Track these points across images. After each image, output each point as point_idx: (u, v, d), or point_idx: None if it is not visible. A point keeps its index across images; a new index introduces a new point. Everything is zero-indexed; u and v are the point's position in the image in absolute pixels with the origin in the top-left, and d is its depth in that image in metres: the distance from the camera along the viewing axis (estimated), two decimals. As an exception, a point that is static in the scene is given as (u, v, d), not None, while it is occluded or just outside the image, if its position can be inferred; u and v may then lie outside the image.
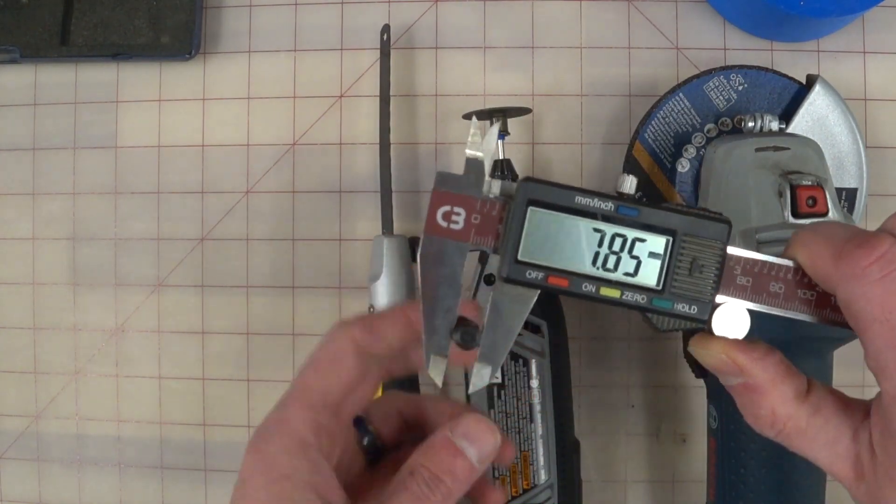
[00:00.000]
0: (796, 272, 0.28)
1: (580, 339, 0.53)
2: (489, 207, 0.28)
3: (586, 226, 0.27)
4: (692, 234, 0.27)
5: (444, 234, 0.28)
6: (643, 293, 0.28)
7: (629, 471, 0.53)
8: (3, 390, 0.56)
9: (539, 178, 0.28)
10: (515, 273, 0.28)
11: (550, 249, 0.27)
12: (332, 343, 0.33)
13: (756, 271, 0.28)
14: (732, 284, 0.28)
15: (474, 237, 0.28)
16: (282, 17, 0.55)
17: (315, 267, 0.54)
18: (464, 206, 0.28)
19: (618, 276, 0.28)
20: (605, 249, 0.27)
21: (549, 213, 0.27)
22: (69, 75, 0.56)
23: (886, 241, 0.25)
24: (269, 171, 0.55)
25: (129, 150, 0.55)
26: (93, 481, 0.55)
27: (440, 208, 0.28)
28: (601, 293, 0.28)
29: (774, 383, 0.28)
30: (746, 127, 0.46)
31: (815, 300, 0.27)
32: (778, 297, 0.28)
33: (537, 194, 0.27)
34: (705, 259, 0.27)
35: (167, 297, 0.55)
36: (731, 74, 0.48)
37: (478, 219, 0.28)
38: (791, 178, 0.40)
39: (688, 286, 0.27)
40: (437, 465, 0.31)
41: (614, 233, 0.27)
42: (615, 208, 0.27)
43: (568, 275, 0.28)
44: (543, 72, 0.54)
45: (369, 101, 0.54)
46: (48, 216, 0.56)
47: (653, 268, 0.27)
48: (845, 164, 0.48)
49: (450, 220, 0.28)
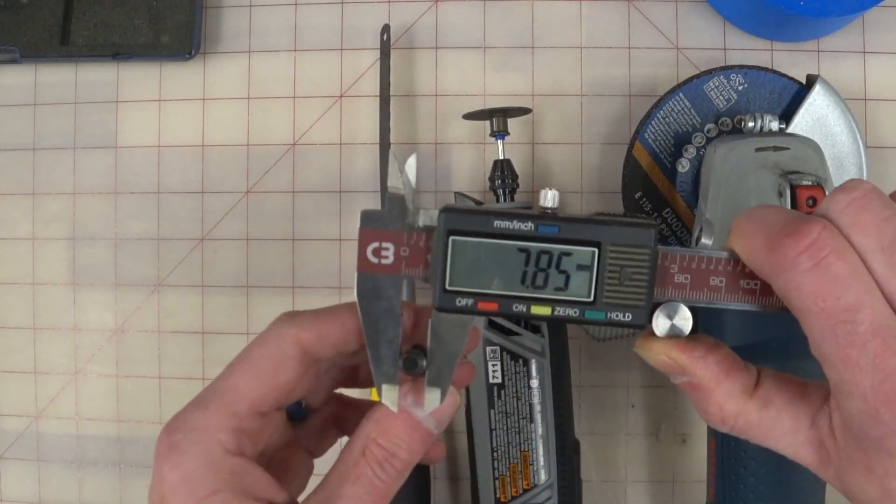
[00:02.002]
0: (735, 263, 0.27)
1: (580, 339, 0.53)
2: (416, 238, 0.28)
3: (511, 246, 0.27)
4: (617, 243, 0.27)
5: (376, 269, 0.28)
6: (575, 307, 0.27)
7: (629, 471, 0.53)
8: (3, 390, 0.56)
9: (457, 206, 0.28)
10: (446, 302, 0.28)
11: (479, 274, 0.27)
12: (274, 344, 0.30)
13: (693, 267, 0.27)
14: (671, 283, 0.27)
15: (405, 269, 0.28)
16: (282, 17, 0.55)
17: (315, 267, 0.54)
18: (391, 240, 0.28)
19: (548, 292, 0.27)
20: (532, 268, 0.27)
21: (470, 241, 0.27)
22: (69, 75, 0.56)
23: (816, 228, 0.24)
24: (269, 171, 0.55)
25: (129, 150, 0.55)
26: (93, 481, 0.55)
27: (369, 245, 0.28)
28: (532, 311, 0.27)
29: (718, 380, 0.27)
30: (746, 127, 0.46)
31: (759, 289, 0.27)
32: (720, 290, 0.27)
33: (456, 224, 0.27)
34: (634, 266, 0.27)
35: (167, 297, 0.55)
36: (731, 74, 0.48)
37: (406, 251, 0.28)
38: (791, 178, 0.40)
39: (620, 294, 0.27)
40: (391, 439, 0.29)
41: (539, 250, 0.27)
42: (535, 227, 0.27)
43: (497, 298, 0.27)
44: (543, 72, 0.54)
45: (369, 101, 0.54)
46: (48, 216, 0.56)
47: (582, 280, 0.27)
48: (845, 164, 0.48)
49: (380, 255, 0.28)
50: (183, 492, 0.27)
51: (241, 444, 0.29)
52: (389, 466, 0.29)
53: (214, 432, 0.28)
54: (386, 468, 0.29)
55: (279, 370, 0.30)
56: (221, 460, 0.28)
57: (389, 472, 0.29)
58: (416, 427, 0.30)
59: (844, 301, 0.23)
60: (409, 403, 0.30)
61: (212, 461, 0.28)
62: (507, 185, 0.48)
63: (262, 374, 0.30)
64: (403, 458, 0.29)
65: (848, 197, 0.24)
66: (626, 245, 0.27)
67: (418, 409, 0.29)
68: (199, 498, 0.27)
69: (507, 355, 0.46)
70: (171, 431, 0.29)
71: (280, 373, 0.30)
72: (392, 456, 0.29)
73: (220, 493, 0.27)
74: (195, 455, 0.28)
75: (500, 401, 0.46)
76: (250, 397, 0.29)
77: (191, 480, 0.27)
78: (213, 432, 0.28)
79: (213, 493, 0.27)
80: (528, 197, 0.53)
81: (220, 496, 0.27)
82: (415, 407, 0.30)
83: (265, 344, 0.30)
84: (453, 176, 0.54)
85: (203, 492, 0.27)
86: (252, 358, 0.30)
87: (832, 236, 0.24)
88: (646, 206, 0.49)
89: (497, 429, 0.46)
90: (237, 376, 0.30)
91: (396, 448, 0.29)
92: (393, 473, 0.29)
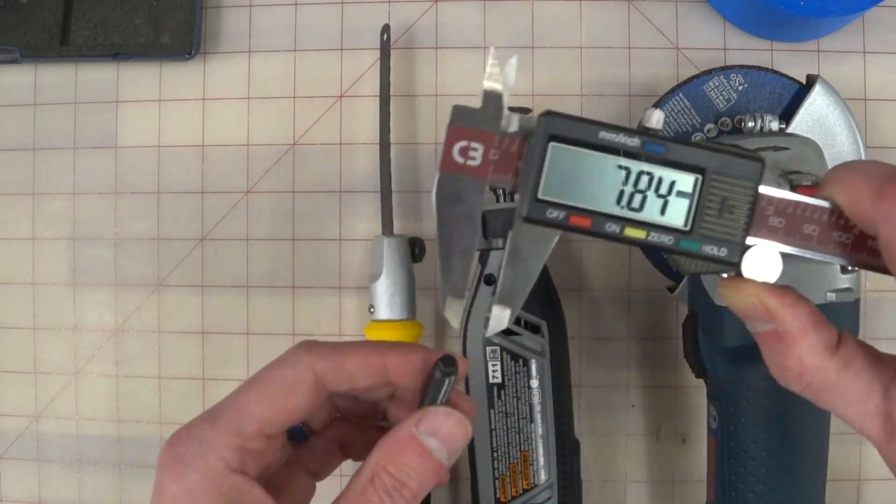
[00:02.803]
0: (832, 213, 0.26)
1: (580, 339, 0.53)
2: (508, 143, 0.26)
3: (611, 163, 0.26)
4: (722, 173, 0.26)
5: (460, 170, 0.27)
6: (670, 234, 0.26)
7: (629, 471, 0.53)
8: (3, 390, 0.56)
9: (561, 112, 0.26)
10: (536, 212, 0.26)
11: (573, 187, 0.26)
12: (290, 369, 0.30)
13: (790, 212, 0.26)
14: (764, 226, 0.26)
15: (492, 174, 0.27)
16: (282, 17, 0.55)
17: (315, 267, 0.54)
18: (481, 141, 0.26)
19: (644, 215, 0.26)
20: (630, 188, 0.26)
21: (571, 149, 0.26)
22: (69, 75, 0.56)
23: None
24: (269, 171, 0.55)
25: (129, 150, 0.55)
26: (93, 481, 0.55)
27: (456, 143, 0.27)
28: (626, 234, 0.26)
29: (805, 331, 0.26)
30: (746, 127, 0.46)
31: (851, 243, 0.26)
32: (812, 239, 0.26)
33: (559, 129, 0.26)
34: (736, 199, 0.26)
35: (167, 297, 0.55)
36: (731, 74, 0.48)
37: (496, 154, 0.26)
38: (791, 178, 0.40)
39: (717, 227, 0.26)
40: (401, 468, 0.29)
41: (640, 170, 0.26)
42: (641, 144, 0.26)
43: (591, 214, 0.26)
44: (543, 72, 0.54)
45: (369, 101, 0.54)
46: (48, 216, 0.56)
47: (680, 207, 0.26)
48: (845, 164, 0.48)
49: (467, 155, 0.27)
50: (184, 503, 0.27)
51: (243, 463, 0.29)
52: (398, 495, 0.28)
53: (219, 448, 0.28)
54: (395, 497, 0.28)
55: (291, 396, 0.29)
56: (223, 476, 0.28)
57: (398, 502, 0.28)
58: (428, 456, 0.29)
59: None
60: (422, 432, 0.29)
61: (213, 476, 0.28)
62: (507, 185, 0.48)
63: (274, 397, 0.29)
64: (413, 488, 0.29)
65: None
66: (730, 175, 0.26)
67: (431, 438, 0.29)
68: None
69: (507, 355, 0.46)
70: (175, 443, 0.29)
71: (291, 399, 0.29)
72: (402, 485, 0.28)
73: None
74: (197, 468, 0.28)
75: (500, 401, 0.46)
76: (258, 418, 0.29)
77: (191, 493, 0.27)
78: (217, 448, 0.28)
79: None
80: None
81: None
82: (427, 436, 0.29)
83: (281, 368, 0.30)
84: (453, 176, 0.54)
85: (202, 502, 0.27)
86: (266, 380, 0.30)
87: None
88: (646, 205, 0.49)
89: (497, 429, 0.46)
90: (248, 396, 0.29)
91: (406, 477, 0.29)
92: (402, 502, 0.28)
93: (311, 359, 0.30)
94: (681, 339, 0.46)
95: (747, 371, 0.41)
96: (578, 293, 0.53)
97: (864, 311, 0.41)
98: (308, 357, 0.30)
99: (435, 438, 0.29)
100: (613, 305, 0.53)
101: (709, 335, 0.43)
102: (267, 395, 0.29)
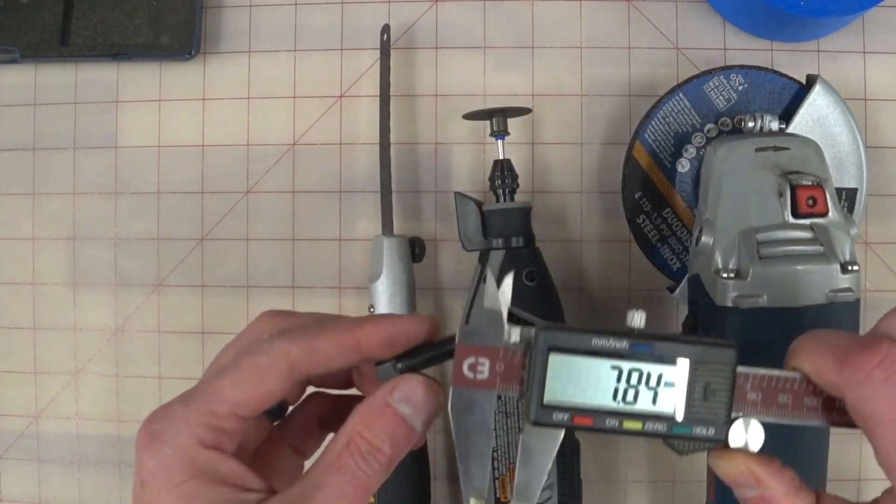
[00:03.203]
0: (801, 382, 0.29)
1: (580, 339, 0.53)
2: (511, 355, 0.29)
3: (605, 364, 0.29)
4: (703, 362, 0.29)
5: (471, 384, 0.29)
6: (663, 422, 0.29)
7: (629, 471, 0.53)
8: (3, 390, 0.56)
9: (554, 324, 0.29)
10: (543, 417, 0.29)
11: (573, 390, 0.29)
12: (263, 356, 0.30)
13: (765, 385, 0.29)
14: (744, 401, 0.29)
15: (500, 384, 0.29)
16: (282, 17, 0.55)
17: (315, 267, 0.54)
18: (488, 356, 0.29)
19: (638, 407, 0.29)
20: (623, 384, 0.29)
21: (568, 358, 0.29)
22: (69, 75, 0.56)
23: (885, 344, 0.27)
24: (269, 171, 0.55)
25: (129, 150, 0.55)
26: (93, 481, 0.55)
27: (465, 360, 0.29)
28: (624, 427, 0.29)
29: (789, 495, 0.29)
30: (746, 127, 0.46)
31: (821, 405, 0.29)
32: (786, 407, 0.29)
33: (557, 341, 0.29)
34: (717, 383, 0.29)
35: (167, 297, 0.55)
36: (731, 74, 0.48)
37: (501, 367, 0.29)
38: (791, 178, 0.40)
39: (703, 410, 0.29)
40: (376, 434, 0.30)
41: (631, 368, 0.29)
42: (630, 346, 0.29)
43: (592, 413, 0.29)
44: (543, 72, 0.54)
45: (369, 101, 0.54)
46: (48, 216, 0.56)
47: (669, 397, 0.29)
48: (845, 164, 0.48)
49: (475, 370, 0.29)
50: (161, 477, 0.29)
51: (218, 440, 0.30)
52: (373, 460, 0.30)
53: (191, 426, 0.29)
54: (369, 461, 0.30)
55: (263, 381, 0.30)
56: (196, 452, 0.29)
57: (373, 466, 0.30)
58: (402, 423, 0.30)
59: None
60: (396, 399, 0.30)
61: (187, 451, 0.29)
62: (507, 185, 0.48)
63: (246, 383, 0.30)
64: (387, 453, 0.30)
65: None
66: (710, 363, 0.29)
67: (405, 405, 0.30)
68: (175, 483, 0.28)
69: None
70: (152, 421, 0.30)
71: (264, 384, 0.30)
72: (376, 450, 0.30)
73: (194, 479, 0.29)
74: (172, 444, 0.29)
75: (500, 401, 0.46)
76: (231, 402, 0.30)
77: (168, 467, 0.29)
78: (190, 426, 0.29)
79: (188, 479, 0.29)
80: (528, 197, 0.53)
81: (195, 482, 0.29)
82: (401, 403, 0.30)
83: (255, 354, 0.31)
84: (453, 176, 0.54)
85: (179, 478, 0.29)
86: (239, 366, 0.31)
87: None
88: (646, 206, 0.49)
89: (497, 429, 0.46)
90: (222, 380, 0.30)
91: (381, 442, 0.30)
92: (376, 467, 0.30)
93: (285, 345, 0.31)
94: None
95: (747, 371, 0.41)
96: (578, 293, 0.53)
97: (864, 311, 0.41)
98: (282, 343, 0.31)
99: (409, 405, 0.30)
100: (613, 305, 0.53)
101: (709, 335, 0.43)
102: (240, 380, 0.30)
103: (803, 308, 0.38)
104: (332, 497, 0.29)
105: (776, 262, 0.39)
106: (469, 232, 0.48)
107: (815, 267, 0.38)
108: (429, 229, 0.54)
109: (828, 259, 0.38)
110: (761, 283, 0.39)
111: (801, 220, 0.40)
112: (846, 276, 0.39)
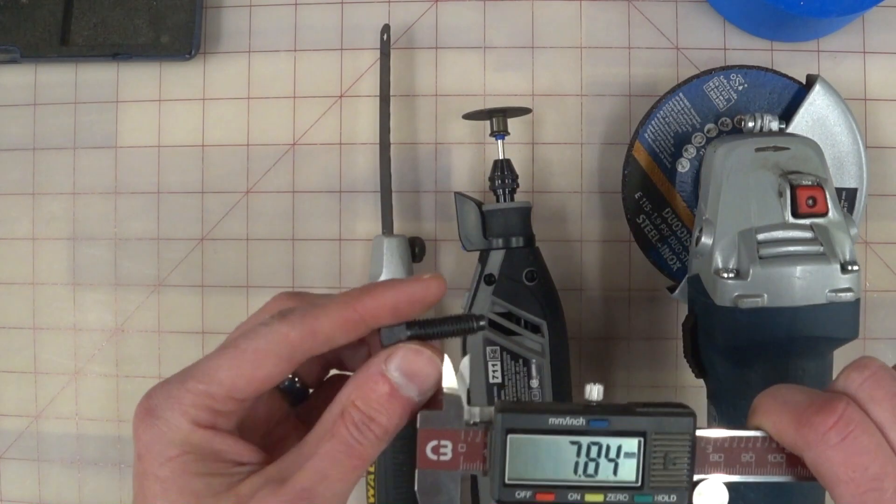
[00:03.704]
0: (763, 440, 0.29)
1: (580, 339, 0.53)
2: (472, 435, 0.30)
3: (564, 440, 0.29)
4: (661, 432, 0.29)
5: (435, 466, 0.30)
6: (624, 492, 0.29)
7: None
8: (3, 390, 0.56)
9: (511, 404, 0.30)
10: (505, 495, 0.29)
11: (534, 467, 0.29)
12: (262, 340, 0.30)
13: (727, 447, 0.29)
14: (706, 462, 0.29)
15: (463, 464, 0.30)
16: (282, 17, 0.55)
17: (315, 267, 0.54)
18: (449, 438, 0.30)
19: (599, 479, 0.29)
20: (583, 458, 0.29)
21: (527, 437, 0.29)
22: (69, 75, 0.56)
23: (841, 405, 0.27)
24: (269, 171, 0.55)
25: (129, 150, 0.55)
26: (92, 481, 0.55)
27: (428, 444, 0.30)
28: (586, 499, 0.29)
29: None
30: (746, 127, 0.46)
31: (784, 462, 0.29)
32: (750, 465, 0.29)
33: (513, 423, 0.29)
34: (676, 452, 0.29)
35: (167, 297, 0.55)
36: (731, 74, 0.48)
37: (464, 447, 0.30)
38: (791, 178, 0.40)
39: (664, 478, 0.29)
40: (370, 403, 0.30)
41: (590, 442, 0.29)
42: (586, 422, 0.29)
43: (554, 488, 0.29)
44: (543, 72, 0.54)
45: (369, 101, 0.54)
46: (48, 216, 0.56)
47: (630, 466, 0.29)
48: (845, 164, 0.48)
49: (439, 452, 0.30)
50: (156, 450, 0.29)
51: (212, 421, 0.30)
52: (367, 430, 0.29)
53: (187, 407, 0.29)
54: (364, 431, 0.29)
55: (261, 366, 0.30)
56: (190, 430, 0.29)
57: (367, 436, 0.29)
58: (396, 393, 0.30)
59: (872, 471, 0.26)
60: (391, 369, 0.30)
61: (181, 429, 0.29)
62: (507, 185, 0.48)
63: (244, 366, 0.30)
64: (382, 423, 0.30)
65: (861, 375, 0.27)
66: (668, 433, 0.29)
67: (400, 374, 0.30)
68: (168, 457, 0.29)
69: (507, 355, 0.46)
70: (150, 396, 0.30)
71: (260, 369, 0.30)
72: (371, 420, 0.30)
73: (187, 454, 0.29)
74: (167, 419, 0.29)
75: (500, 401, 0.46)
76: (227, 384, 0.30)
77: (163, 441, 0.29)
78: (184, 405, 0.29)
79: (181, 453, 0.29)
80: (528, 197, 0.53)
81: (188, 456, 0.29)
82: (396, 372, 0.30)
83: (254, 338, 0.31)
84: (453, 176, 0.54)
85: (173, 452, 0.29)
86: (237, 348, 0.30)
87: (856, 412, 0.27)
88: (646, 206, 0.49)
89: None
90: (219, 361, 0.30)
91: (375, 413, 0.30)
92: (371, 437, 0.29)
93: (284, 329, 0.30)
94: (681, 339, 0.46)
95: (747, 371, 0.41)
96: (578, 293, 0.53)
97: (864, 311, 0.41)
98: (282, 327, 0.30)
99: (404, 375, 0.30)
100: (613, 305, 0.53)
101: (709, 335, 0.43)
102: (237, 363, 0.30)
103: (803, 308, 0.39)
104: (324, 466, 0.29)
105: (776, 262, 0.39)
106: (469, 232, 0.48)
107: (815, 267, 0.38)
108: (429, 229, 0.54)
109: (828, 259, 0.38)
110: (761, 283, 0.39)
111: (801, 220, 0.40)
112: (846, 276, 0.39)
